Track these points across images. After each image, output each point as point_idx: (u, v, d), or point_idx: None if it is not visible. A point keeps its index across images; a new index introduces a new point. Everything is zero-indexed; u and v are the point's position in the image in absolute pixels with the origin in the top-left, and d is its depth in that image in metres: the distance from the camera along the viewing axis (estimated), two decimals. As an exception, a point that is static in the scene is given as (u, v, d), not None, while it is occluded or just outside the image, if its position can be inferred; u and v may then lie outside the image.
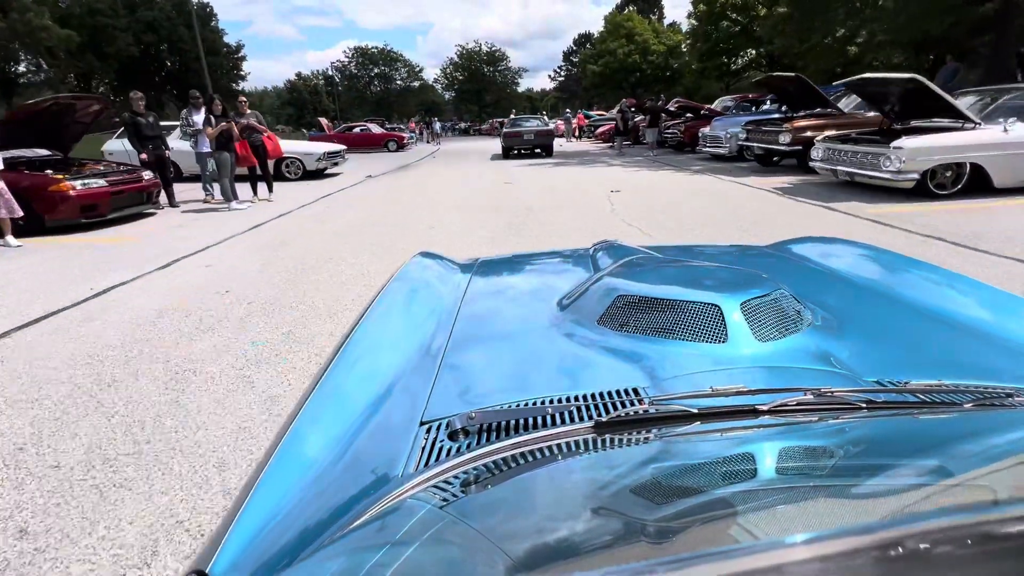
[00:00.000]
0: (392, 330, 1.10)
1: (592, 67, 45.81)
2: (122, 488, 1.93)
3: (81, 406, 2.51)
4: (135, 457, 2.11)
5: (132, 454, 2.13)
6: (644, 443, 0.67)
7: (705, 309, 0.93)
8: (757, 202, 7.41)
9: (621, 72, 44.49)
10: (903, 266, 1.40)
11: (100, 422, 2.37)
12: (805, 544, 0.38)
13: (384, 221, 7.24)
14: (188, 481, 1.95)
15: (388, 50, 72.88)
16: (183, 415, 2.40)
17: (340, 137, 24.19)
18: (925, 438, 0.66)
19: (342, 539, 0.55)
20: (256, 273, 4.74)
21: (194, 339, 3.28)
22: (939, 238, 4.95)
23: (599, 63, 45.24)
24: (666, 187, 9.28)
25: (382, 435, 0.77)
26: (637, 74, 44.34)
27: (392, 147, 24.08)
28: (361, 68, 72.67)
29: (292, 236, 6.30)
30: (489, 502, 0.59)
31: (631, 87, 47.49)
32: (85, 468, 2.05)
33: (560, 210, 7.49)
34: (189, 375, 2.80)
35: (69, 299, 4.13)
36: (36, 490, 1.94)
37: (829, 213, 6.38)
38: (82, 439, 2.24)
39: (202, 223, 7.29)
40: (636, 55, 43.42)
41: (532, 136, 15.97)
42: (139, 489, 1.92)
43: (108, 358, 3.04)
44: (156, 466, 2.04)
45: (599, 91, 48.21)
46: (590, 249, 1.66)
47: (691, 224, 6.19)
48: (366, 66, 72.55)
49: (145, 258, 5.35)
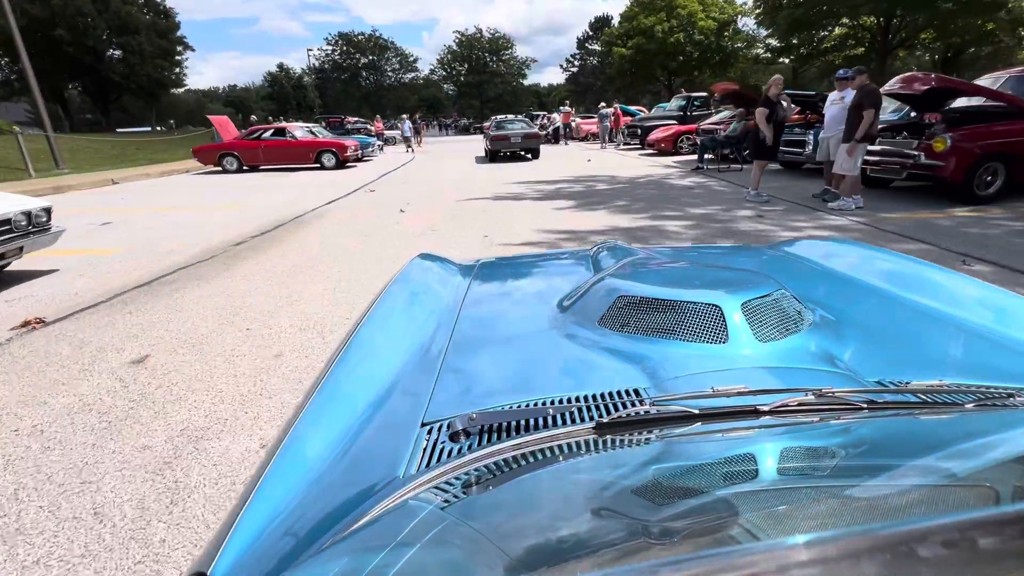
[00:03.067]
0: (393, 331, 1.10)
1: (620, 50, 36.16)
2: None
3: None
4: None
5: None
6: (645, 444, 0.67)
7: (706, 309, 0.93)
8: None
9: (659, 56, 34.85)
10: (903, 266, 1.36)
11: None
12: (806, 545, 0.38)
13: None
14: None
15: (377, 36, 63.61)
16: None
17: (242, 145, 15.14)
18: (926, 438, 0.66)
19: (344, 540, 0.55)
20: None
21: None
22: None
23: (629, 45, 35.71)
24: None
25: (383, 436, 0.77)
26: (680, 58, 34.68)
27: (329, 162, 15.05)
28: (346, 57, 63.40)
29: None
30: (490, 503, 0.59)
31: (669, 75, 37.91)
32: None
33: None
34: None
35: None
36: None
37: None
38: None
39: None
40: (679, 33, 33.69)
41: (519, 139, 15.43)
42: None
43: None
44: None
45: (629, 80, 38.59)
46: (591, 250, 1.65)
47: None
48: (351, 55, 63.29)
49: None
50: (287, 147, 15.23)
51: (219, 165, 15.26)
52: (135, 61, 33.96)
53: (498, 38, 62.22)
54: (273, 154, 15.26)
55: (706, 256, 1.66)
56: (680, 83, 38.13)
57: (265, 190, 10.96)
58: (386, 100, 61.45)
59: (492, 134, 15.82)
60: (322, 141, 15.58)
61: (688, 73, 36.42)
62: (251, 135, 15.47)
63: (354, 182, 11.71)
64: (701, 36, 33.57)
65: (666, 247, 1.67)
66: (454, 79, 64.02)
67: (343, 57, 63.22)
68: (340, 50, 63.20)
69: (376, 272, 4.60)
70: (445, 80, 65.53)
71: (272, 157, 15.30)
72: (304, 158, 15.27)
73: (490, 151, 15.80)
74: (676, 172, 11.47)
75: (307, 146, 15.27)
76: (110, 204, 9.49)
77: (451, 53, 62.45)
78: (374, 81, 63.88)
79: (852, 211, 6.55)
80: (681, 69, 35.71)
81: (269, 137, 15.39)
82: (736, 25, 34.18)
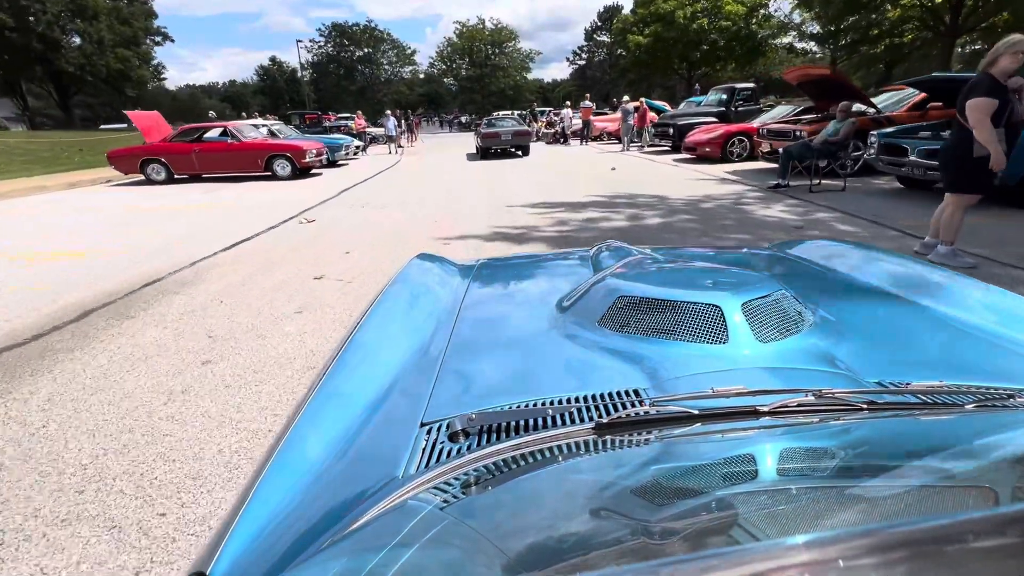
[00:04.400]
0: (392, 331, 1.10)
1: (636, 38, 32.59)
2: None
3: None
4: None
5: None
6: (645, 444, 0.67)
7: (706, 310, 0.93)
8: None
9: (679, 45, 31.30)
10: (903, 267, 1.36)
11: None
12: (806, 545, 0.37)
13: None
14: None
15: (372, 27, 60.14)
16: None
17: (170, 150, 11.83)
18: (926, 439, 0.66)
19: (343, 540, 0.55)
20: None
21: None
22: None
23: (646, 32, 32.16)
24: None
25: (383, 436, 0.77)
26: (704, 47, 31.10)
27: (283, 170, 11.76)
28: (340, 49, 59.95)
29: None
30: (490, 503, 0.59)
31: (688, 68, 34.38)
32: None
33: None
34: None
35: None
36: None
37: None
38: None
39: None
40: (703, 19, 30.08)
41: (509, 136, 15.67)
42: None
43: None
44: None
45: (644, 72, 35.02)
46: (591, 250, 1.66)
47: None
48: (346, 47, 59.83)
49: None
50: (227, 152, 11.89)
51: (143, 174, 11.98)
52: (92, 50, 30.29)
53: (501, 29, 58.64)
54: (211, 160, 11.94)
55: (706, 257, 1.65)
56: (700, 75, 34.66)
57: (163, 217, 7.66)
58: (382, 95, 58.02)
59: (483, 131, 16.01)
60: (273, 144, 12.21)
61: (711, 65, 32.87)
62: (185, 136, 12.14)
63: (299, 201, 8.42)
64: (728, 22, 29.94)
65: (666, 247, 1.68)
66: (454, 73, 60.49)
67: (336, 49, 59.77)
68: (334, 42, 59.75)
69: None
70: (445, 74, 61.98)
71: (210, 164, 11.98)
72: (251, 165, 11.95)
73: (481, 148, 16.02)
74: (746, 191, 8.12)
75: (252, 150, 11.93)
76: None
77: (451, 45, 58.90)
78: (370, 75, 60.43)
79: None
80: (704, 60, 32.15)
81: (211, 138, 12.07)
82: (767, 10, 30.59)
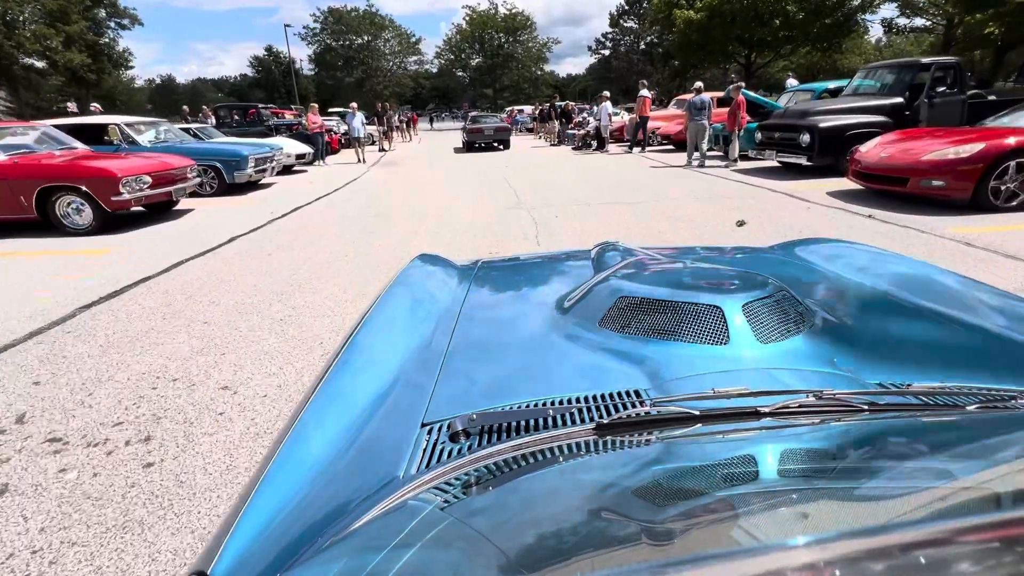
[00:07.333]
0: (393, 332, 1.09)
1: (685, 13, 26.15)
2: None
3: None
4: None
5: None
6: (645, 445, 0.67)
7: (707, 310, 0.93)
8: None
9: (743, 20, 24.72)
10: (904, 267, 1.35)
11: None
12: (807, 546, 0.38)
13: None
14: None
15: (373, 12, 54.12)
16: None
17: None
18: (928, 441, 0.65)
19: (344, 540, 0.55)
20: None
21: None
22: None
23: (699, 7, 25.65)
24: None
25: (383, 437, 0.77)
26: (777, 21, 24.44)
27: (82, 218, 5.90)
28: (338, 37, 54.04)
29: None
30: (490, 504, 0.58)
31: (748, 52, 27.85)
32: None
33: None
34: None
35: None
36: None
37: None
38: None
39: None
40: (773, -12, 23.42)
41: (492, 132, 17.61)
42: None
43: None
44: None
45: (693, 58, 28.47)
46: (591, 251, 1.65)
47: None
48: (343, 35, 53.91)
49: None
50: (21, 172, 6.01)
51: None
52: (24, 37, 24.73)
53: (515, 15, 52.36)
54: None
55: (707, 257, 1.64)
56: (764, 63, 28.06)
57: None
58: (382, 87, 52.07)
59: (468, 127, 17.99)
60: (53, 167, 6.26)
61: (777, 48, 26.34)
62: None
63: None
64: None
65: (667, 247, 1.69)
66: (462, 64, 54.36)
67: (333, 37, 53.89)
68: (330, 29, 53.89)
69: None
70: (453, 65, 55.85)
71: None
72: (13, 206, 6.02)
73: (466, 142, 17.98)
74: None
75: (14, 179, 5.97)
76: None
77: (460, 33, 52.77)
78: (370, 65, 54.50)
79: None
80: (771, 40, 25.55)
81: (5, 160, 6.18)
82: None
